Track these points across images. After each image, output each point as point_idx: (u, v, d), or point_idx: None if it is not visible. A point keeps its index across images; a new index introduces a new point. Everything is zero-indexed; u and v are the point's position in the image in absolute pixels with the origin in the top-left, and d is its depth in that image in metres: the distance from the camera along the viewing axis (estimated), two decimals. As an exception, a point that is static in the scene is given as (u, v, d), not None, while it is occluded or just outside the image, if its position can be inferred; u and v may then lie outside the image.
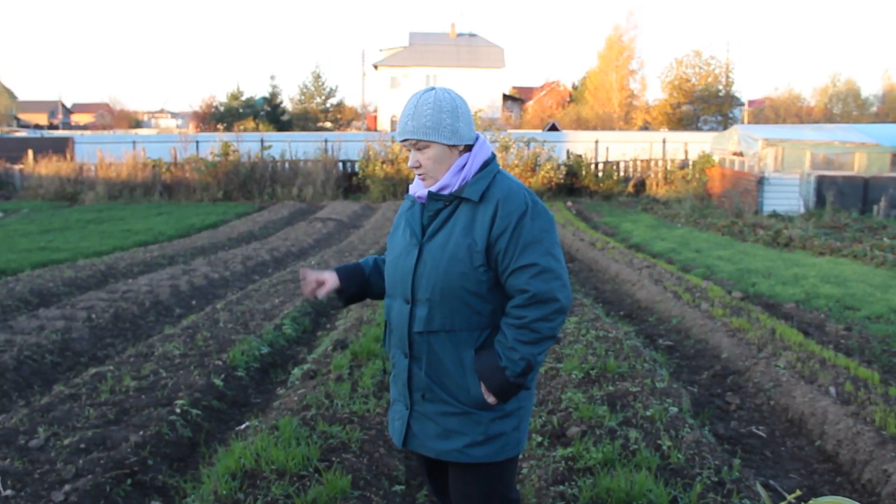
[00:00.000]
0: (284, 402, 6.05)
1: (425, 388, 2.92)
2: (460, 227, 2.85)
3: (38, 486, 4.55)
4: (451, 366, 2.87)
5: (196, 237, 17.17)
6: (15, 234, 17.11)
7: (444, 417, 2.91)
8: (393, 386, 3.10)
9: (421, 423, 2.96)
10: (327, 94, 69.98)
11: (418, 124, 2.87)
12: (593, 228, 18.86)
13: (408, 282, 2.91)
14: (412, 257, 2.92)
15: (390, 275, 3.04)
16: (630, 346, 7.32)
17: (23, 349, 7.46)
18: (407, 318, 2.92)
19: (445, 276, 2.83)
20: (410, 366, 2.95)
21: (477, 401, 2.87)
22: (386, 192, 26.67)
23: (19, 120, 75.40)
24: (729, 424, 6.01)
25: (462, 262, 2.81)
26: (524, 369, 2.80)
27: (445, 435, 2.91)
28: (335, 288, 3.20)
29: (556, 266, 2.82)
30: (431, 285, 2.85)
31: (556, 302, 2.79)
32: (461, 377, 2.87)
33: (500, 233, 2.79)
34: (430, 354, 2.89)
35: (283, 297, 10.08)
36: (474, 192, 2.86)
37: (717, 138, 27.42)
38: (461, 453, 2.89)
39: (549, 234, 2.86)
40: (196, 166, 27.31)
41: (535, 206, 2.85)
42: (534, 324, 2.79)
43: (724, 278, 11.64)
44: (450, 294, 2.83)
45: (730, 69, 56.44)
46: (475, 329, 2.87)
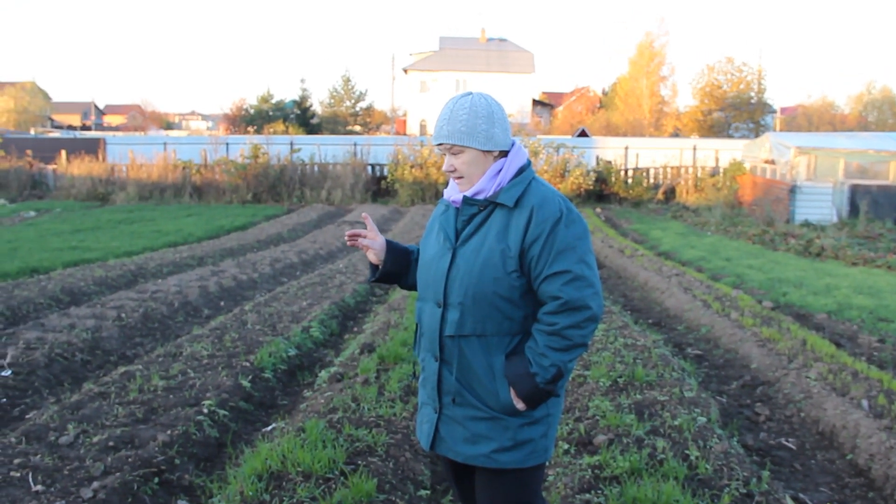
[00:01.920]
0: (311, 405, 6.07)
1: (455, 392, 2.92)
2: (494, 233, 2.85)
3: (68, 483, 4.59)
4: (481, 370, 2.86)
5: (225, 239, 17.30)
6: (48, 234, 17.33)
7: (473, 422, 2.90)
8: (422, 389, 3.09)
9: (449, 426, 2.96)
10: (357, 98, 70.25)
11: (453, 129, 2.87)
12: (622, 235, 18.76)
13: (440, 285, 2.91)
14: (445, 261, 2.92)
15: (423, 277, 3.05)
16: (658, 354, 7.26)
17: (54, 347, 7.55)
18: (438, 321, 2.92)
19: (478, 281, 2.82)
20: (440, 369, 2.95)
21: (506, 406, 2.86)
22: (414, 196, 26.71)
23: (53, 121, 76.51)
24: (758, 436, 5.94)
25: (495, 267, 2.81)
26: (554, 376, 2.80)
27: (473, 439, 2.90)
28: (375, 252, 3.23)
29: (588, 274, 2.81)
30: (464, 289, 2.85)
31: (588, 310, 2.78)
32: (491, 382, 2.86)
33: (534, 239, 2.79)
34: (460, 358, 2.89)
35: (311, 300, 10.11)
36: (509, 197, 2.85)
37: (749, 146, 27.17)
38: (488, 458, 2.88)
39: (583, 241, 2.84)
40: (226, 168, 27.51)
41: (569, 213, 2.84)
42: (565, 331, 2.78)
43: (754, 287, 11.52)
44: (482, 299, 2.83)
45: (762, 76, 55.93)
46: (506, 334, 2.86)
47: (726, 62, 56.00)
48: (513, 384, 2.83)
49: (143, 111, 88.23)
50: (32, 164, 29.85)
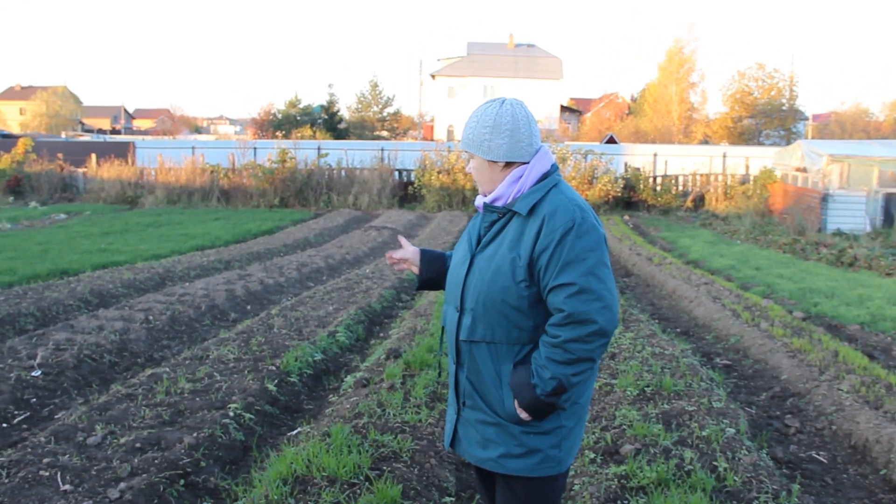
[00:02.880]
0: (336, 410, 6.07)
1: (468, 396, 2.97)
2: (508, 241, 2.85)
3: (95, 483, 4.62)
4: (489, 377, 2.88)
5: (252, 243, 17.38)
6: (77, 236, 17.52)
7: (483, 426, 2.93)
8: (448, 390, 3.21)
9: (465, 428, 3.01)
10: (384, 103, 70.48)
11: (464, 136, 2.98)
12: (650, 243, 18.63)
13: (459, 290, 2.96)
14: (465, 266, 2.97)
15: (448, 282, 3.12)
16: (686, 363, 7.18)
17: (83, 348, 7.61)
18: (455, 325, 2.97)
19: (489, 288, 2.84)
20: (457, 372, 3.01)
21: (511, 415, 2.85)
22: (441, 201, 26.71)
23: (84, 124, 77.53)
24: (788, 448, 5.85)
25: (505, 275, 2.80)
26: (555, 388, 2.73)
27: (484, 443, 2.94)
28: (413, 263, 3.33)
29: (597, 287, 2.71)
30: (476, 296, 2.88)
31: (593, 324, 2.69)
32: (498, 389, 2.87)
33: (543, 249, 2.74)
34: (471, 363, 2.93)
35: (338, 305, 10.12)
36: (524, 205, 2.83)
37: (780, 153, 26.90)
38: (496, 463, 2.89)
39: (595, 253, 2.75)
40: (253, 172, 27.66)
41: (582, 223, 2.75)
42: (567, 344, 2.71)
43: (784, 297, 11.38)
44: (491, 306, 2.83)
45: (794, 82, 55.42)
46: (515, 343, 2.84)
47: (757, 68, 55.59)
48: (515, 394, 2.81)
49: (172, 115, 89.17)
50: (63, 168, 30.20)
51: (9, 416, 6.17)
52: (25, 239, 16.71)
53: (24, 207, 25.79)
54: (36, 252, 14.45)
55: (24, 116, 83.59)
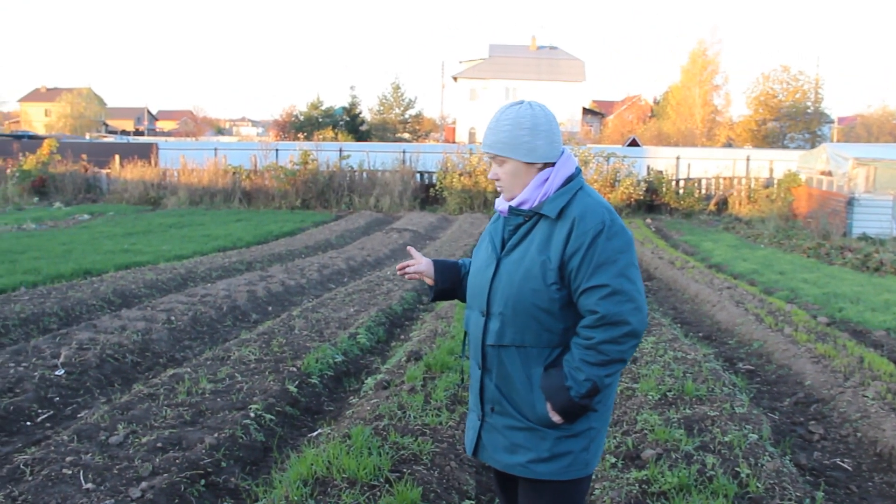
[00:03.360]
0: (357, 412, 6.07)
1: (495, 401, 2.92)
2: (536, 244, 2.82)
3: (117, 482, 4.65)
4: (519, 381, 2.85)
5: (274, 244, 17.44)
6: (100, 237, 17.66)
7: (511, 431, 2.89)
8: (470, 395, 3.11)
9: (490, 434, 2.96)
10: (406, 105, 70.59)
11: (496, 139, 2.88)
12: (673, 247, 18.53)
13: (484, 294, 2.91)
14: (490, 270, 2.92)
15: (471, 286, 3.07)
16: (709, 368, 7.13)
17: (105, 348, 7.67)
18: (481, 330, 2.92)
19: (518, 292, 2.80)
20: (483, 377, 2.96)
21: (542, 418, 2.82)
22: (463, 204, 26.69)
23: (107, 126, 78.28)
24: (812, 455, 5.79)
25: (535, 278, 2.78)
26: (589, 391, 2.73)
27: (512, 449, 2.89)
28: (427, 275, 3.26)
29: (629, 288, 2.73)
30: (504, 300, 2.83)
31: (626, 325, 2.71)
32: (528, 393, 2.83)
33: (574, 251, 2.74)
34: (500, 368, 2.89)
35: (359, 307, 10.14)
36: (552, 209, 2.81)
37: (805, 157, 26.67)
38: (525, 468, 2.86)
39: (625, 254, 2.77)
40: (275, 174, 27.77)
41: (612, 225, 2.77)
42: (601, 346, 2.72)
43: (808, 302, 11.27)
44: (521, 310, 2.80)
45: (819, 85, 55.03)
46: (545, 346, 2.83)
47: (782, 71, 55.27)
48: (548, 397, 2.79)
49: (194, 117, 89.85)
50: (87, 168, 30.47)
51: (32, 415, 6.23)
52: (50, 239, 16.86)
53: (49, 208, 26.05)
54: (60, 252, 14.58)
55: (50, 118, 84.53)
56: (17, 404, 6.24)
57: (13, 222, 20.82)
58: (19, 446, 5.62)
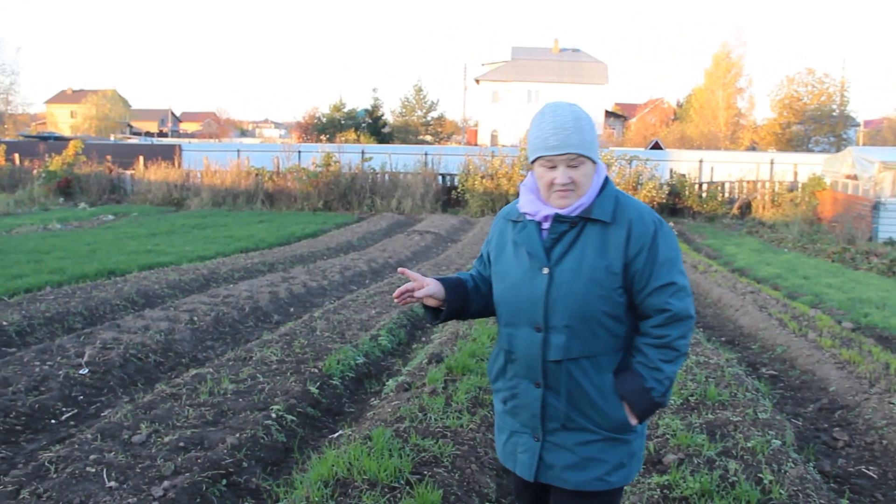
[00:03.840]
0: (378, 413, 6.08)
1: (564, 419, 2.80)
2: (593, 250, 2.75)
3: (140, 481, 4.68)
4: (593, 392, 2.77)
5: (296, 245, 17.50)
6: (124, 237, 17.81)
7: (585, 446, 2.80)
8: (510, 417, 2.94)
9: (556, 453, 2.83)
10: (428, 108, 70.72)
11: (583, 139, 2.74)
12: (696, 251, 18.42)
13: (537, 308, 2.77)
14: (539, 282, 2.77)
15: (510, 301, 2.86)
16: (731, 373, 7.08)
17: (129, 348, 7.73)
18: (540, 346, 2.78)
19: (584, 301, 2.72)
20: (545, 396, 2.81)
21: (619, 424, 2.79)
22: (485, 206, 26.67)
23: (132, 127, 78.94)
24: (836, 462, 5.73)
25: (601, 285, 2.72)
26: (668, 388, 2.79)
27: (583, 465, 2.79)
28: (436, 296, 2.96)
29: (687, 283, 2.83)
30: (569, 311, 2.73)
31: (691, 319, 2.79)
32: (603, 402, 2.77)
33: (636, 253, 2.74)
34: (570, 382, 2.77)
35: (380, 308, 10.15)
36: (605, 212, 2.76)
37: (830, 160, 26.42)
38: (602, 481, 2.79)
39: (678, 251, 2.85)
40: (298, 176, 27.88)
41: (662, 223, 2.83)
42: (675, 342, 2.77)
43: (833, 307, 11.16)
44: (590, 319, 2.74)
45: (845, 87, 54.44)
46: (612, 352, 2.80)
47: (807, 73, 54.74)
48: (629, 402, 2.77)
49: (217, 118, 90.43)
50: (112, 169, 30.74)
51: (57, 413, 6.29)
52: (74, 239, 17.03)
53: (74, 208, 26.30)
54: (84, 252, 14.71)
55: (75, 119, 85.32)
56: (43, 402, 6.31)
57: (39, 222, 21.04)
58: (44, 444, 5.68)
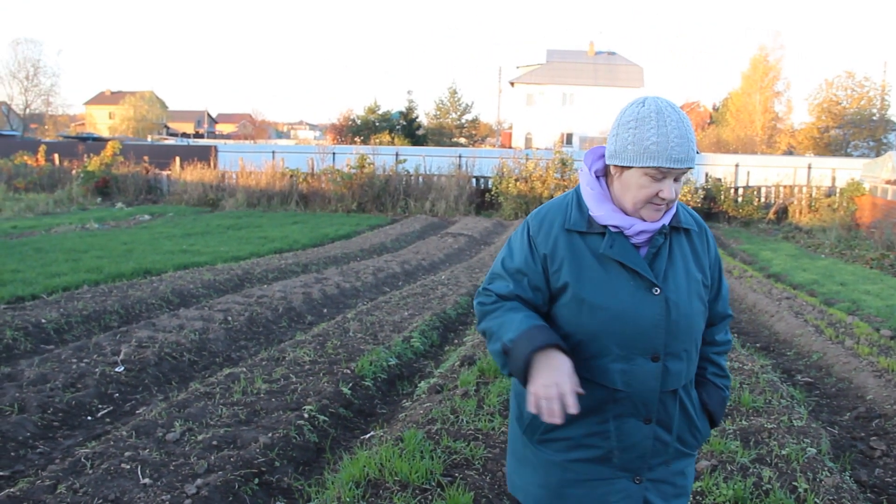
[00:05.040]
0: (410, 415, 6.09)
1: (673, 454, 2.56)
2: (689, 262, 2.56)
3: (173, 478, 4.73)
4: (694, 416, 2.60)
5: (329, 247, 17.58)
6: (160, 237, 18.01)
7: (681, 476, 2.61)
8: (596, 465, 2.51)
9: (658, 490, 2.55)
10: (462, 110, 70.78)
11: (684, 151, 2.38)
12: (731, 255, 18.23)
13: (658, 336, 2.43)
14: (654, 305, 2.44)
15: (617, 332, 2.44)
16: (766, 380, 7.00)
17: (164, 346, 7.82)
18: (659, 377, 2.45)
19: (693, 322, 2.52)
20: (655, 432, 2.50)
21: (703, 440, 2.68)
22: (518, 209, 26.61)
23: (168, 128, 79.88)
24: (873, 472, 5.64)
25: (701, 300, 2.57)
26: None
27: (682, 491, 2.61)
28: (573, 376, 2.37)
29: None
30: (687, 334, 2.50)
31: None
32: (700, 423, 2.63)
33: (713, 261, 2.67)
34: (680, 412, 2.55)
35: (413, 310, 10.18)
36: (689, 220, 2.60)
37: (869, 165, 26.03)
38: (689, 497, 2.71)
39: None
40: (332, 177, 28.00)
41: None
42: (729, 345, 2.79)
43: (871, 314, 10.99)
44: (698, 338, 2.59)
45: (886, 91, 53.64)
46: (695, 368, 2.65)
47: (846, 77, 54.11)
48: (715, 415, 2.67)
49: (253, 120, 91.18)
50: (148, 170, 31.11)
51: (93, 410, 6.38)
52: (111, 239, 17.26)
53: (111, 208, 26.66)
54: (121, 252, 14.91)
55: (113, 120, 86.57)
56: (79, 399, 6.40)
57: (77, 222, 21.36)
58: (80, 440, 5.77)
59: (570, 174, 26.81)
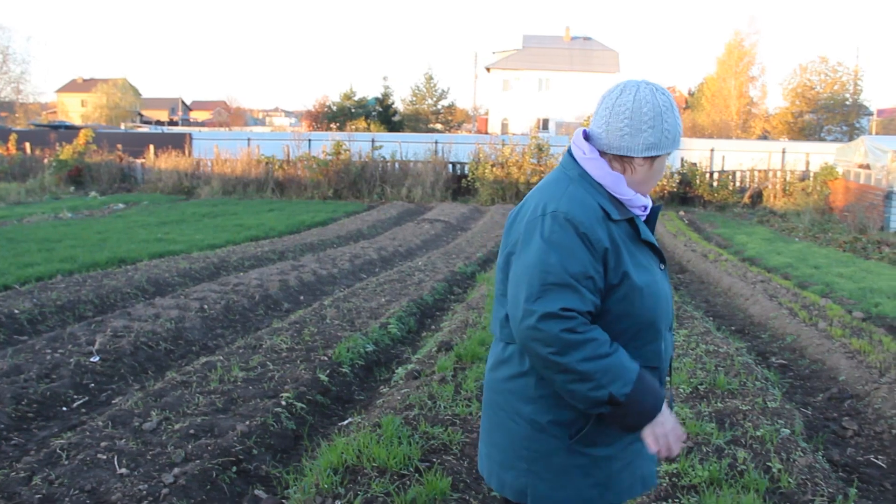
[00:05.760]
0: (387, 401, 6.10)
1: None
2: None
3: (150, 468, 4.71)
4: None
5: (306, 234, 17.53)
6: (135, 226, 17.86)
7: None
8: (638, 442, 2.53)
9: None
10: (439, 96, 70.61)
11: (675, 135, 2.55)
12: (706, 240, 18.36)
13: (672, 308, 2.62)
14: (667, 280, 2.62)
15: (664, 311, 2.55)
16: (741, 362, 7.07)
17: (139, 335, 7.77)
18: (672, 346, 2.67)
19: None
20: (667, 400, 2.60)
21: None
22: (495, 195, 26.64)
23: (142, 116, 79.13)
24: (845, 451, 5.72)
25: None
26: None
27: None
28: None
29: None
30: None
31: None
32: None
33: None
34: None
35: (390, 297, 10.17)
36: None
37: (842, 149, 26.28)
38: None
39: None
40: (308, 164, 27.89)
41: None
42: None
43: (844, 297, 11.12)
44: None
45: (858, 76, 54.13)
46: None
47: (820, 62, 54.50)
48: None
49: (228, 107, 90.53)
50: (122, 158, 30.81)
51: (68, 400, 6.33)
52: (85, 228, 17.09)
53: (85, 197, 26.39)
54: (95, 241, 14.77)
55: (86, 108, 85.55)
56: (54, 390, 6.35)
57: (50, 211, 21.13)
58: (56, 431, 5.72)
59: (546, 159, 26.85)
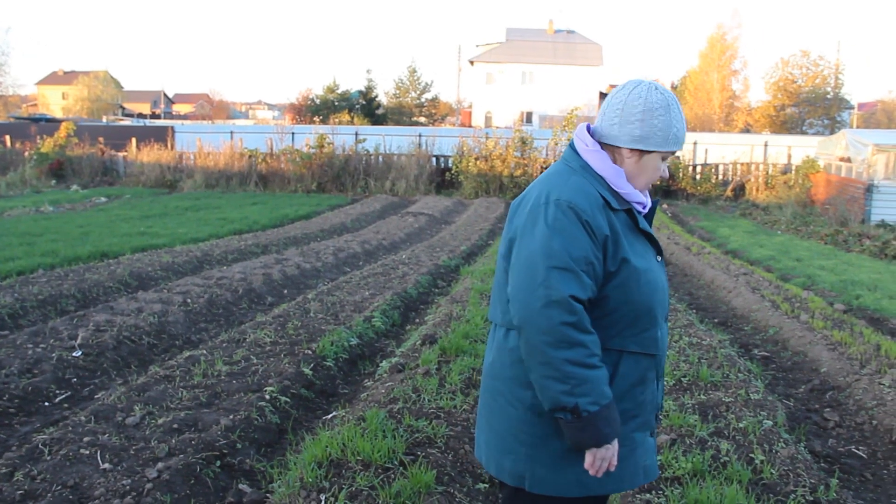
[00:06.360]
0: (372, 395, 6.09)
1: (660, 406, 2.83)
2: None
3: (134, 462, 4.69)
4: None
5: (289, 227, 17.47)
6: (117, 219, 17.72)
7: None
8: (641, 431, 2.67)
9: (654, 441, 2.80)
10: (422, 89, 70.51)
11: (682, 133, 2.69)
12: (689, 232, 18.45)
13: (668, 298, 2.74)
14: (664, 272, 2.75)
15: (661, 299, 2.65)
16: (724, 354, 7.11)
17: (122, 330, 7.72)
18: (667, 336, 2.81)
19: None
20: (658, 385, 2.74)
21: None
22: (479, 188, 26.63)
23: (124, 109, 78.53)
24: (826, 442, 5.77)
25: None
26: None
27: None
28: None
29: None
30: None
31: None
32: None
33: None
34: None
35: (374, 290, 10.16)
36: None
37: (823, 143, 26.45)
38: None
39: None
40: (291, 157, 27.76)
41: None
42: None
43: (825, 289, 11.20)
44: None
45: (840, 70, 54.48)
46: None
47: (801, 56, 54.86)
48: None
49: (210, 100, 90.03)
50: (104, 151, 30.54)
51: (50, 395, 6.29)
52: (67, 222, 16.96)
53: (66, 191, 26.15)
54: (77, 235, 14.66)
55: (67, 101, 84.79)
56: (36, 385, 6.30)
57: (31, 205, 20.94)
58: (38, 426, 5.68)
59: (529, 152, 26.88)
